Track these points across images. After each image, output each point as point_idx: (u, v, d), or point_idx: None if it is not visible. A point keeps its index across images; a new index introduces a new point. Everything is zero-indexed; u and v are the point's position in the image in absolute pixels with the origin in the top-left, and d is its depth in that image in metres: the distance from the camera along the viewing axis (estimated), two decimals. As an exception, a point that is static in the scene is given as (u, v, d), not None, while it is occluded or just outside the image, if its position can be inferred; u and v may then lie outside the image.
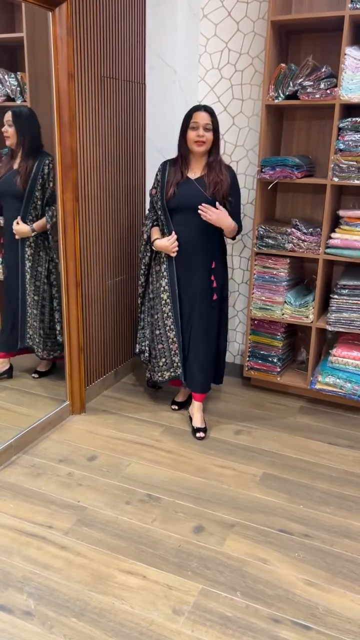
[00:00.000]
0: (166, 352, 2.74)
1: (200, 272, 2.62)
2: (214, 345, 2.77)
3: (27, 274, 2.84)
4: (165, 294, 2.65)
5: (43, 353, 2.95)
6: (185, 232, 2.57)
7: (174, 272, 2.63)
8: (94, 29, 2.60)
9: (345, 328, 2.83)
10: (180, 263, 2.62)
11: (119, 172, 2.98)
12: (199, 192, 2.51)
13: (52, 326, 2.92)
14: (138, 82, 3.03)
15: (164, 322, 2.69)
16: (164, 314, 2.68)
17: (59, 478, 2.36)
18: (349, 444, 2.70)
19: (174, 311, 2.65)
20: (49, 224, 2.76)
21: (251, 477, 2.41)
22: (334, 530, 2.10)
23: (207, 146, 2.49)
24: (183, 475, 2.40)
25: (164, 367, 2.77)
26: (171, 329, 2.68)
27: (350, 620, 1.71)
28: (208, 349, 2.71)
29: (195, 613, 1.72)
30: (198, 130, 2.45)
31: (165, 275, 2.64)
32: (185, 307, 2.66)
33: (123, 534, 2.04)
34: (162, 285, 2.66)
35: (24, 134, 2.70)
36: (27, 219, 2.77)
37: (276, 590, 1.82)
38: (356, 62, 2.52)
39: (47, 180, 2.72)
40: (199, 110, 2.46)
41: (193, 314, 2.66)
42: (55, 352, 2.97)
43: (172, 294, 2.65)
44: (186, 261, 2.61)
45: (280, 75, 2.69)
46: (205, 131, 2.45)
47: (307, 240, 2.83)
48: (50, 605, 1.73)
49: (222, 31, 3.03)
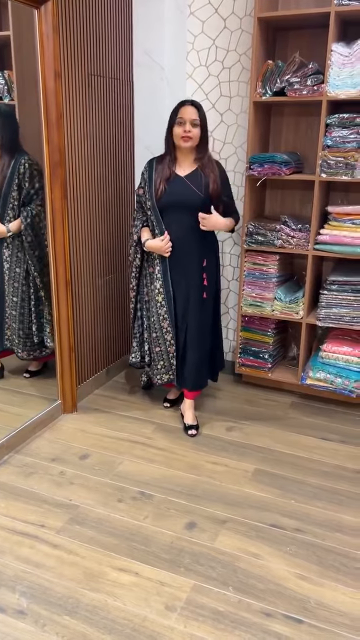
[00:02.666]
0: (164, 355, 2.71)
1: (192, 271, 2.61)
2: (208, 344, 2.75)
3: (6, 275, 2.82)
4: (160, 296, 2.61)
5: (23, 353, 2.95)
6: (176, 231, 2.55)
7: (168, 273, 2.60)
8: (80, 26, 2.60)
9: (335, 323, 2.84)
10: (173, 263, 2.60)
11: (107, 170, 2.98)
12: (190, 189, 2.50)
13: (30, 327, 2.91)
14: (126, 79, 3.02)
15: (160, 325, 2.65)
16: (160, 316, 2.64)
17: (51, 477, 2.36)
18: (341, 438, 2.71)
19: (169, 313, 2.62)
20: (23, 225, 2.73)
21: (243, 473, 2.42)
22: (326, 524, 2.11)
23: (194, 142, 2.48)
24: (175, 472, 2.41)
25: (163, 370, 2.75)
26: (168, 331, 2.65)
27: (342, 613, 1.72)
28: (202, 347, 2.71)
29: (188, 609, 1.72)
30: (185, 126, 2.43)
31: (160, 277, 2.60)
32: (179, 307, 2.64)
33: (115, 531, 2.05)
34: (157, 287, 2.62)
35: (0, 133, 2.67)
36: (5, 220, 2.74)
37: (268, 585, 1.82)
38: (342, 58, 2.53)
39: (23, 180, 2.69)
40: (186, 105, 2.44)
41: (187, 313, 2.64)
42: (34, 352, 2.96)
43: (167, 296, 2.61)
44: (178, 260, 2.59)
45: (268, 71, 2.70)
46: (192, 126, 2.43)
47: (296, 236, 2.84)
48: (42, 603, 1.73)
49: (209, 28, 3.03)
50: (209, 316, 2.71)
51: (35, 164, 2.72)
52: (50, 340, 2.92)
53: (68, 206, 2.67)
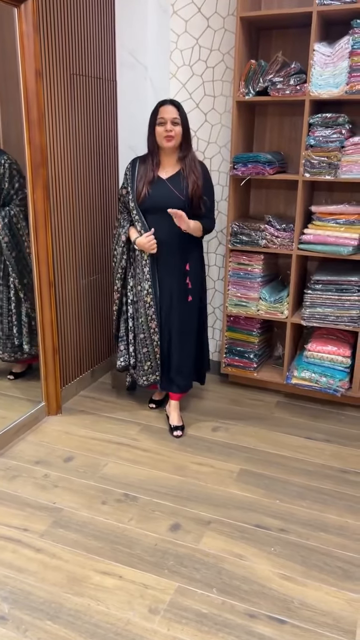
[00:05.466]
0: (151, 356, 2.70)
1: (176, 274, 2.60)
2: (193, 346, 2.74)
3: None
4: (149, 296, 2.59)
5: (4, 355, 2.92)
6: (159, 234, 2.53)
7: (156, 274, 2.59)
8: (62, 25, 2.57)
9: (320, 323, 2.85)
10: (156, 265, 2.59)
11: (91, 170, 2.96)
12: (172, 193, 2.49)
13: (11, 328, 2.88)
14: (109, 79, 3.01)
15: (148, 325, 2.64)
16: (148, 317, 2.62)
17: (34, 480, 2.34)
18: (326, 437, 2.72)
19: (157, 314, 2.61)
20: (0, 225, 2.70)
21: (228, 473, 2.42)
22: (310, 524, 2.11)
23: (177, 140, 2.46)
24: (160, 474, 2.40)
25: (149, 371, 2.73)
26: (155, 332, 2.63)
27: (325, 613, 1.72)
28: (186, 349, 2.70)
29: (171, 611, 1.71)
30: (166, 125, 2.42)
31: (148, 278, 2.57)
32: (164, 309, 2.63)
33: (99, 534, 2.03)
34: (145, 288, 2.59)
35: None
36: None
37: (252, 586, 1.82)
38: (325, 58, 2.53)
39: (3, 181, 2.67)
40: (165, 105, 2.43)
41: (171, 316, 2.63)
42: (16, 353, 2.94)
43: (154, 297, 2.59)
44: (162, 262, 2.58)
45: (251, 71, 2.69)
46: (173, 125, 2.42)
47: (281, 236, 2.84)
48: (24, 608, 1.71)
49: (192, 27, 3.02)
50: (194, 318, 2.69)
51: (15, 163, 2.69)
52: (27, 344, 2.89)
53: (51, 207, 2.65)
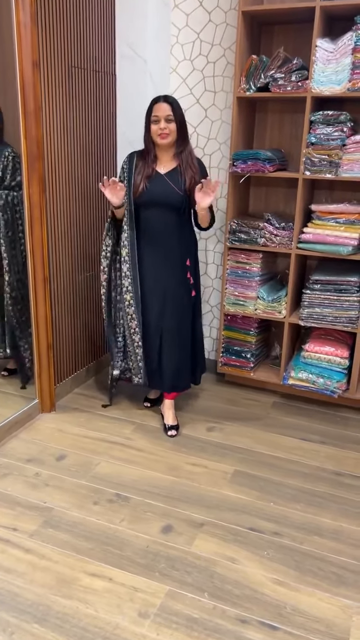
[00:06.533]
0: (132, 356, 2.66)
1: (172, 270, 2.56)
2: (188, 345, 2.70)
3: None
4: (129, 294, 2.54)
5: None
6: (156, 229, 2.50)
7: (137, 271, 2.53)
8: (60, 16, 2.53)
9: (318, 323, 2.81)
10: (152, 261, 2.55)
11: (89, 165, 2.91)
12: (170, 188, 2.46)
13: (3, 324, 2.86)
14: (108, 72, 2.96)
15: (128, 324, 2.59)
16: (128, 315, 2.57)
17: (25, 478, 2.30)
18: (321, 439, 2.69)
19: (137, 313, 2.56)
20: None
21: (222, 474, 2.38)
22: (304, 527, 2.08)
23: (172, 137, 2.43)
24: (153, 474, 2.37)
25: (133, 372, 2.70)
26: (136, 332, 2.59)
27: (317, 619, 1.69)
28: (182, 348, 2.65)
29: (161, 615, 1.68)
30: (160, 123, 2.38)
31: (128, 275, 2.53)
32: (155, 307, 2.58)
33: (90, 535, 2.00)
34: (125, 285, 2.55)
35: None
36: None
37: (244, 590, 1.79)
38: (327, 54, 2.49)
39: (5, 173, 2.64)
40: (159, 102, 2.40)
41: (164, 314, 2.58)
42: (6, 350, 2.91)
43: (135, 295, 2.54)
44: (157, 258, 2.54)
45: (252, 66, 2.65)
46: (167, 123, 2.39)
47: (280, 234, 2.80)
48: (11, 610, 1.68)
49: (193, 21, 2.98)
50: (189, 316, 2.66)
51: (18, 156, 2.65)
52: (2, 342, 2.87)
53: (46, 201, 2.60)
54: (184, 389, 2.79)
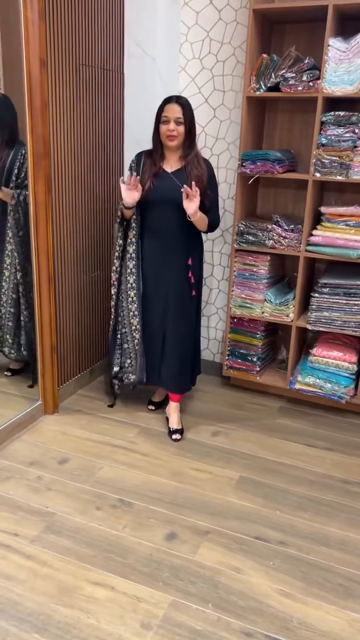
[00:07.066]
0: (131, 353, 2.64)
1: (175, 269, 2.53)
2: (191, 344, 2.68)
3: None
4: (133, 291, 2.54)
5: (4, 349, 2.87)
6: (161, 227, 2.48)
7: (141, 269, 2.52)
8: (69, 14, 2.49)
9: (326, 327, 2.77)
10: (155, 259, 2.53)
11: (96, 164, 2.88)
12: (176, 186, 2.42)
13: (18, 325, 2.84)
14: (116, 70, 2.92)
15: (129, 321, 2.58)
16: (130, 312, 2.57)
17: (27, 482, 2.27)
18: (327, 445, 2.64)
19: (139, 310, 2.55)
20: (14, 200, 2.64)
21: (227, 480, 2.34)
22: (311, 537, 2.04)
23: (180, 140, 2.40)
24: (157, 479, 2.33)
25: (130, 370, 2.68)
26: (137, 329, 2.58)
27: (324, 633, 1.65)
28: (185, 348, 2.63)
29: (164, 627, 1.64)
30: (169, 125, 2.35)
31: (134, 272, 2.53)
32: (159, 306, 2.56)
33: (92, 541, 1.96)
34: (130, 282, 2.55)
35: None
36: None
37: (249, 602, 1.75)
38: (340, 53, 2.45)
39: (21, 171, 2.62)
40: (171, 103, 2.36)
41: (167, 313, 2.56)
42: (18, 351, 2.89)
43: (138, 292, 2.53)
44: (162, 257, 2.52)
45: (262, 66, 2.61)
46: (176, 125, 2.35)
47: (288, 237, 2.75)
48: (11, 619, 1.64)
49: (203, 20, 2.93)
50: (192, 316, 2.63)
51: None
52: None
53: (52, 200, 2.57)
54: (187, 388, 2.75)
